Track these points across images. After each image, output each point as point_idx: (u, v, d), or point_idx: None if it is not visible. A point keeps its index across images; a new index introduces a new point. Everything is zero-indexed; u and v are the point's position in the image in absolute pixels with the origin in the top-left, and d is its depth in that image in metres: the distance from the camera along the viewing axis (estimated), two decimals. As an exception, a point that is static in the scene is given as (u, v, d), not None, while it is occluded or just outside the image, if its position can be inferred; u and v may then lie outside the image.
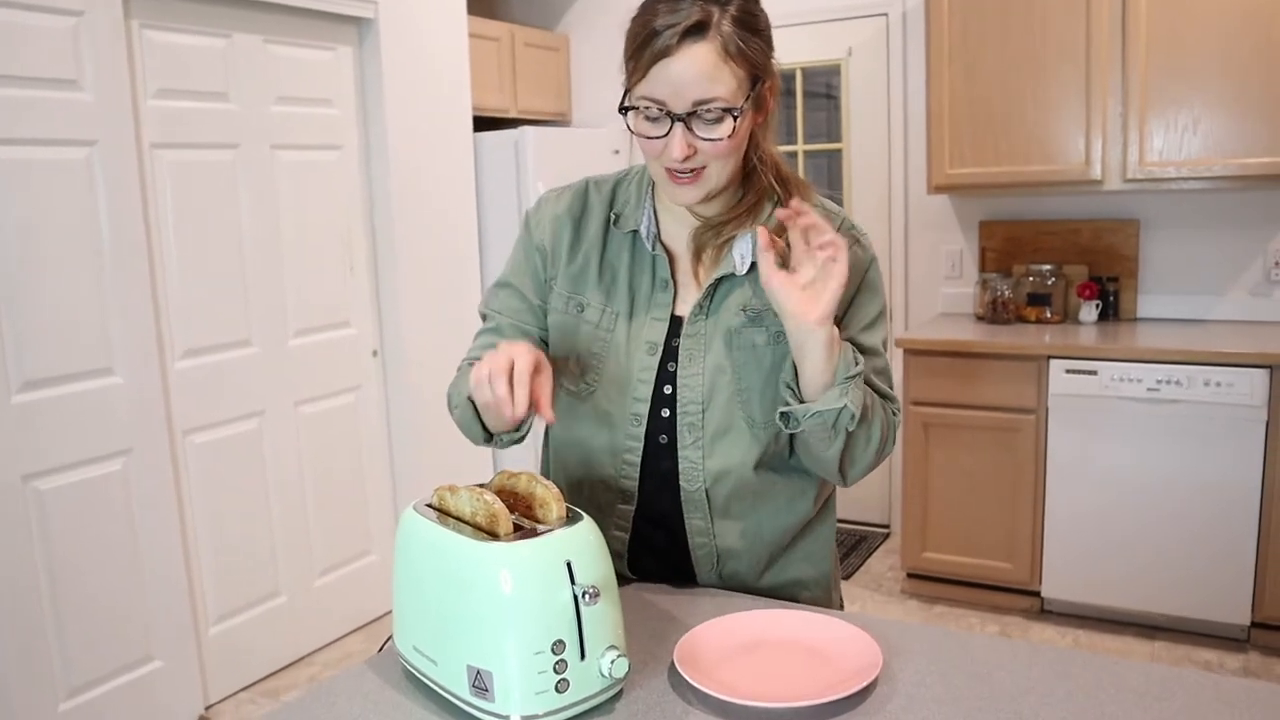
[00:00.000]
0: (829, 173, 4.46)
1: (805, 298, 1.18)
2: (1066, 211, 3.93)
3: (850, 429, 1.23)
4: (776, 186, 1.34)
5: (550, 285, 1.41)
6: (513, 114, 4.39)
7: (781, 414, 1.25)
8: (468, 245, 4.04)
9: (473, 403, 1.38)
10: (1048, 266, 3.87)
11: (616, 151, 4.40)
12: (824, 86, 4.45)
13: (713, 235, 1.33)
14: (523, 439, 1.43)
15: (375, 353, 3.71)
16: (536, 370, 1.18)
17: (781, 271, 1.19)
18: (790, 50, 4.34)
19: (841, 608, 1.53)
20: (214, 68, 3.08)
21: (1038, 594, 3.57)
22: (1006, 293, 3.86)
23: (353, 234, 3.60)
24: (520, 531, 1.08)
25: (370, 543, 3.72)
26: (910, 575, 3.80)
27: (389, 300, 3.71)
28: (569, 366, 1.39)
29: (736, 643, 1.21)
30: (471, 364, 1.43)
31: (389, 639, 1.24)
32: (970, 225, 4.11)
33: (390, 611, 3.69)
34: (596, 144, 4.36)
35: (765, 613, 1.27)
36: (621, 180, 1.44)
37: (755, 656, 1.19)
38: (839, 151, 4.38)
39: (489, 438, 1.40)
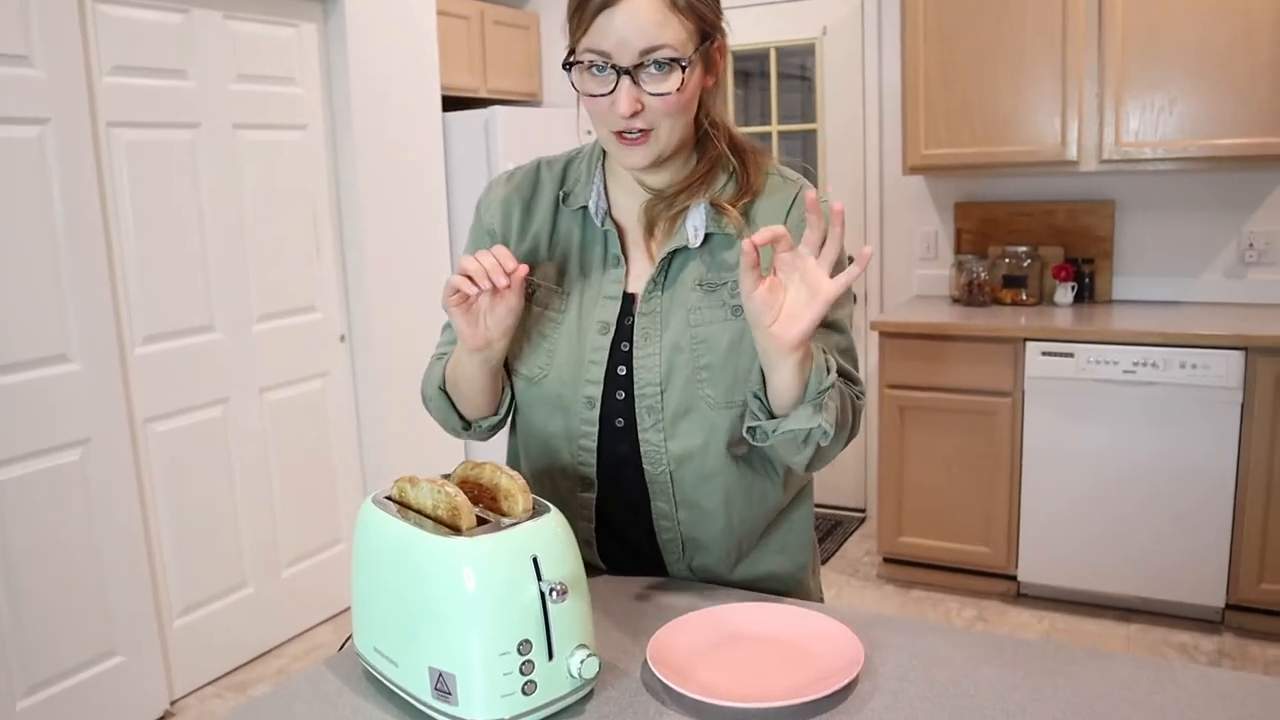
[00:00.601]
0: (803, 153, 4.41)
1: (785, 318, 1.09)
2: (1042, 193, 3.90)
3: (825, 443, 1.17)
4: (730, 155, 1.28)
5: None
6: (482, 94, 4.31)
7: (749, 428, 1.20)
8: (437, 227, 3.96)
9: (446, 393, 1.33)
10: (1023, 248, 3.84)
11: (589, 132, 4.31)
12: (798, 67, 4.40)
13: (664, 207, 1.28)
14: (501, 423, 1.38)
15: (343, 337, 3.63)
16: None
17: (765, 284, 1.09)
18: (764, 30, 4.28)
19: (821, 600, 1.48)
20: (172, 44, 2.99)
21: (1014, 578, 3.56)
22: (982, 274, 3.83)
23: (318, 216, 3.52)
24: (484, 525, 1.02)
25: (339, 532, 3.65)
26: (887, 560, 3.78)
27: (357, 284, 3.63)
28: (521, 349, 1.34)
29: (712, 639, 1.16)
30: (438, 358, 1.39)
31: (349, 638, 1.19)
32: (945, 206, 4.07)
33: (360, 601, 3.63)
34: (568, 124, 4.28)
35: (741, 606, 1.23)
36: (574, 158, 1.39)
37: (732, 653, 1.14)
38: (813, 132, 4.33)
39: (467, 425, 1.36)
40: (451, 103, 4.13)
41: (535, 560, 0.99)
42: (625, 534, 1.37)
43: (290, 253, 3.41)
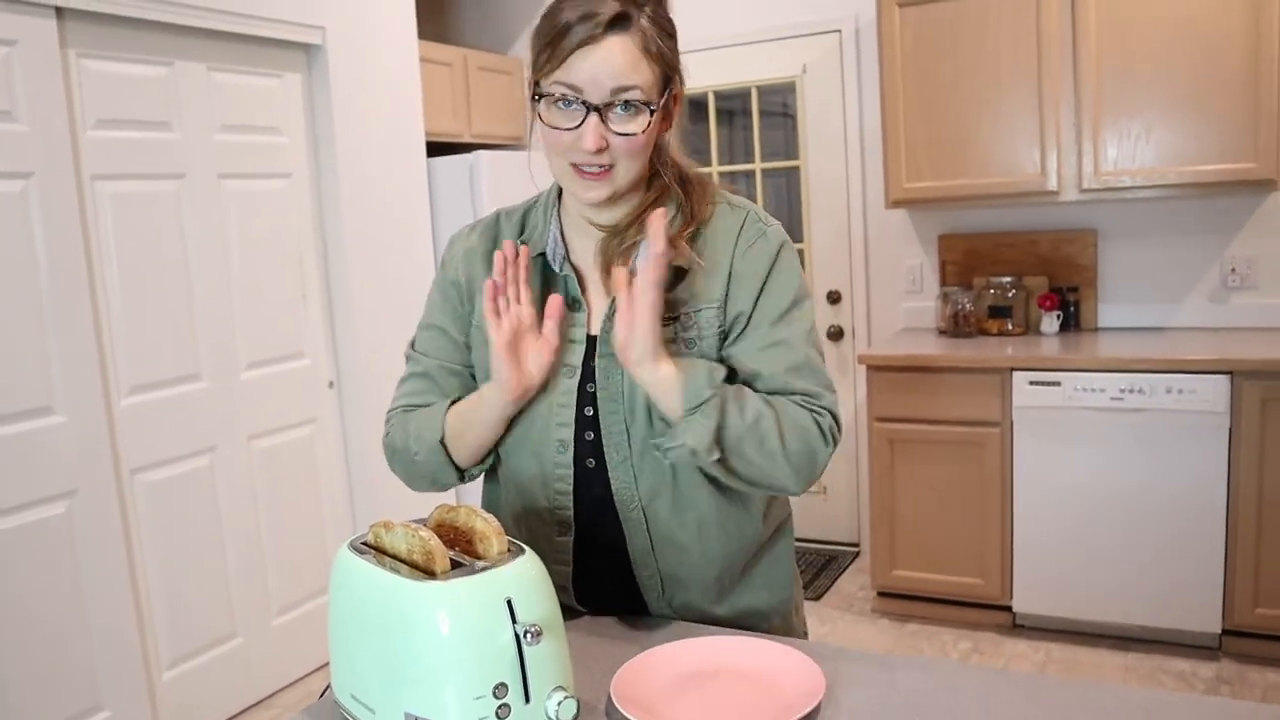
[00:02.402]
0: (788, 190, 4.45)
1: (623, 338, 1.19)
2: (1025, 223, 3.93)
3: (706, 461, 1.19)
4: (678, 187, 1.31)
5: (470, 320, 1.39)
6: (466, 138, 4.35)
7: (653, 444, 1.24)
8: (424, 272, 3.97)
9: (444, 446, 1.32)
10: (1008, 278, 3.87)
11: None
12: (780, 105, 4.44)
13: (617, 243, 1.30)
14: (488, 468, 1.38)
15: (331, 384, 3.63)
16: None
17: (622, 309, 1.19)
18: (745, 69, 4.33)
19: (805, 636, 1.47)
20: (156, 97, 3.01)
21: (1009, 609, 3.54)
22: (968, 306, 3.85)
23: (305, 263, 3.53)
24: (458, 569, 1.02)
25: (329, 579, 3.62)
26: (881, 594, 3.76)
27: (344, 330, 3.63)
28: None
29: (675, 674, 1.17)
30: (405, 410, 1.39)
31: (328, 686, 1.18)
32: (929, 239, 4.10)
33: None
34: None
35: (703, 640, 1.23)
36: (531, 207, 1.41)
37: (694, 687, 1.14)
38: (796, 169, 4.37)
39: (461, 477, 1.36)
40: (436, 148, 4.16)
41: (509, 603, 0.99)
42: (606, 575, 1.36)
43: (277, 300, 3.41)
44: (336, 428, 3.66)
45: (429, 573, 1.02)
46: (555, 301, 1.24)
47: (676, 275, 1.28)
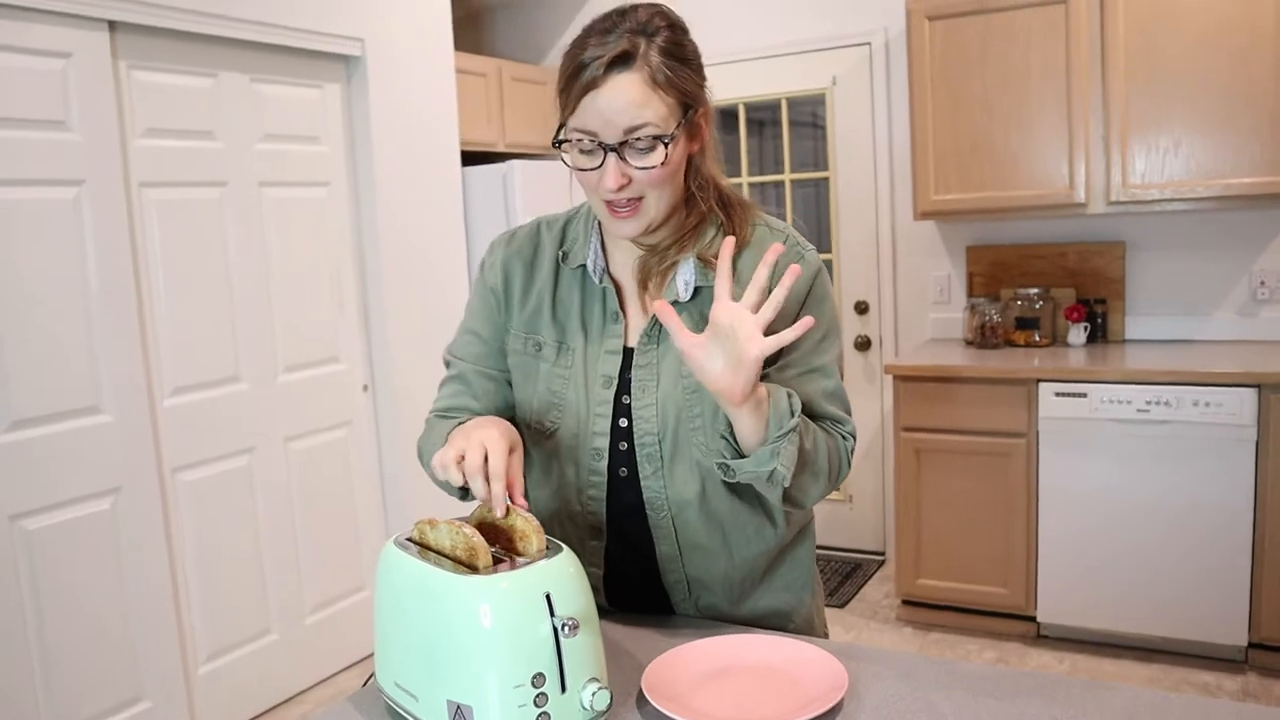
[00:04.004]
0: (816, 201, 4.49)
1: (724, 376, 1.14)
2: (1052, 235, 3.95)
3: (785, 484, 1.20)
4: (718, 209, 1.34)
5: (507, 327, 1.42)
6: (500, 148, 4.42)
7: (718, 464, 1.25)
8: (457, 279, 4.05)
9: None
10: (1035, 290, 3.89)
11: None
12: (810, 116, 4.49)
13: (656, 262, 1.34)
14: None
15: (366, 387, 3.71)
16: (510, 451, 1.18)
17: (698, 345, 1.15)
18: (775, 81, 4.38)
19: (826, 637, 1.52)
20: (201, 106, 3.10)
21: (1034, 619, 3.56)
22: (995, 317, 3.87)
23: (342, 270, 3.61)
24: (500, 564, 1.08)
25: (362, 578, 3.70)
26: (905, 602, 3.78)
27: (379, 335, 3.71)
28: (531, 406, 1.40)
29: (703, 669, 1.22)
30: (441, 416, 1.43)
31: (372, 675, 1.24)
32: (957, 250, 4.13)
33: (383, 648, 3.66)
34: (584, 176, 4.37)
35: (732, 638, 1.28)
36: (573, 218, 1.44)
37: (722, 682, 1.19)
38: (826, 180, 4.41)
39: (465, 493, 1.39)
40: (470, 157, 4.23)
41: (548, 597, 1.04)
42: (634, 578, 1.41)
43: (314, 305, 3.50)
44: (370, 431, 3.73)
45: (472, 568, 1.08)
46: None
47: (712, 296, 1.32)
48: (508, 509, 1.15)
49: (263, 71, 3.29)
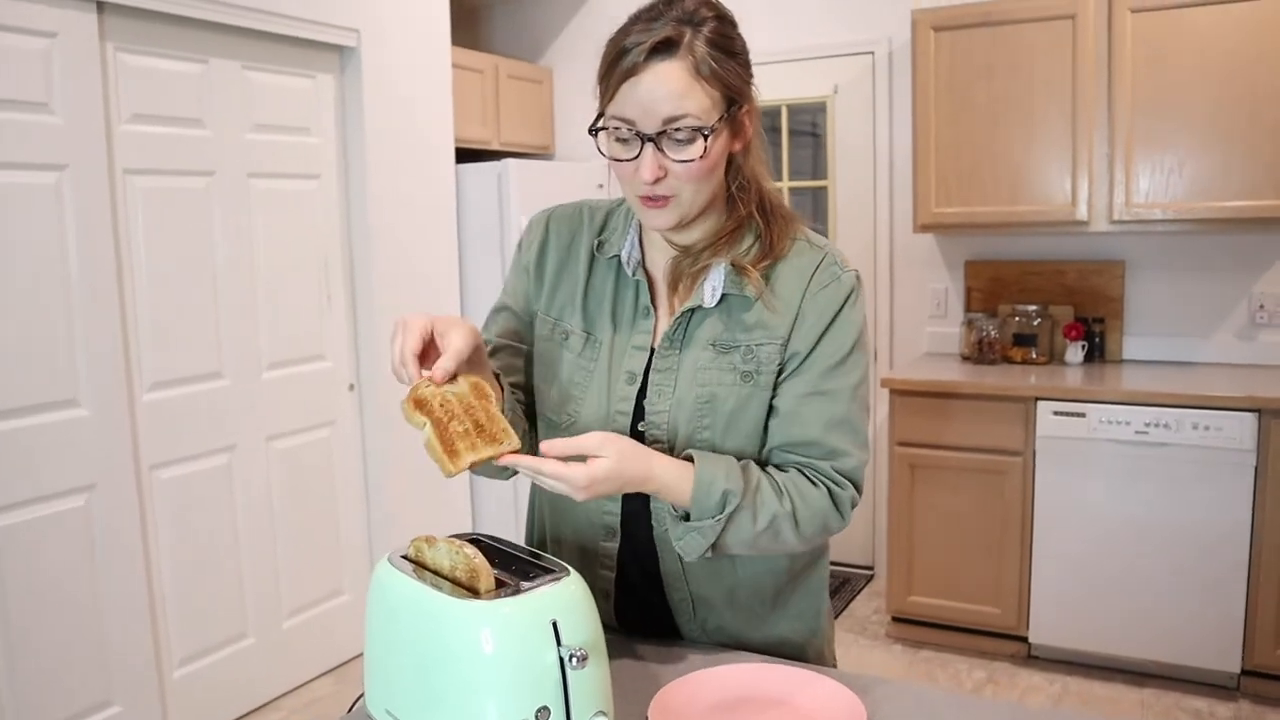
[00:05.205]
0: (814, 210, 4.43)
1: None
2: (1052, 252, 3.90)
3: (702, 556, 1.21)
4: (758, 217, 1.28)
5: (535, 309, 1.38)
6: (495, 146, 4.35)
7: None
8: (449, 278, 3.97)
9: None
10: (1033, 307, 3.84)
11: (600, 185, 4.35)
12: (809, 125, 4.43)
13: (689, 263, 1.29)
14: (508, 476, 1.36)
15: (352, 387, 3.62)
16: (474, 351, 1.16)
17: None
18: (776, 87, 4.32)
19: (834, 666, 1.46)
20: (190, 93, 3.01)
21: (1025, 639, 3.50)
22: (992, 333, 3.82)
23: (330, 265, 3.53)
24: (502, 588, 1.01)
25: (342, 582, 3.61)
26: (895, 619, 3.73)
27: (367, 333, 3.63)
28: (550, 396, 1.34)
29: (713, 700, 1.16)
30: None
31: (360, 697, 1.16)
32: (955, 264, 4.08)
33: (361, 655, 3.57)
34: (580, 178, 4.31)
35: (741, 667, 1.22)
36: (616, 208, 1.40)
37: (732, 715, 1.13)
38: (824, 189, 4.35)
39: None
40: (464, 154, 4.16)
41: (555, 624, 0.97)
42: (640, 592, 1.35)
43: (300, 301, 3.41)
44: (355, 431, 3.65)
45: (472, 590, 1.01)
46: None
47: (745, 306, 1.26)
48: (426, 382, 1.12)
49: (255, 59, 3.20)
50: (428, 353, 1.14)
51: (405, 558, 1.10)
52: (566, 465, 1.11)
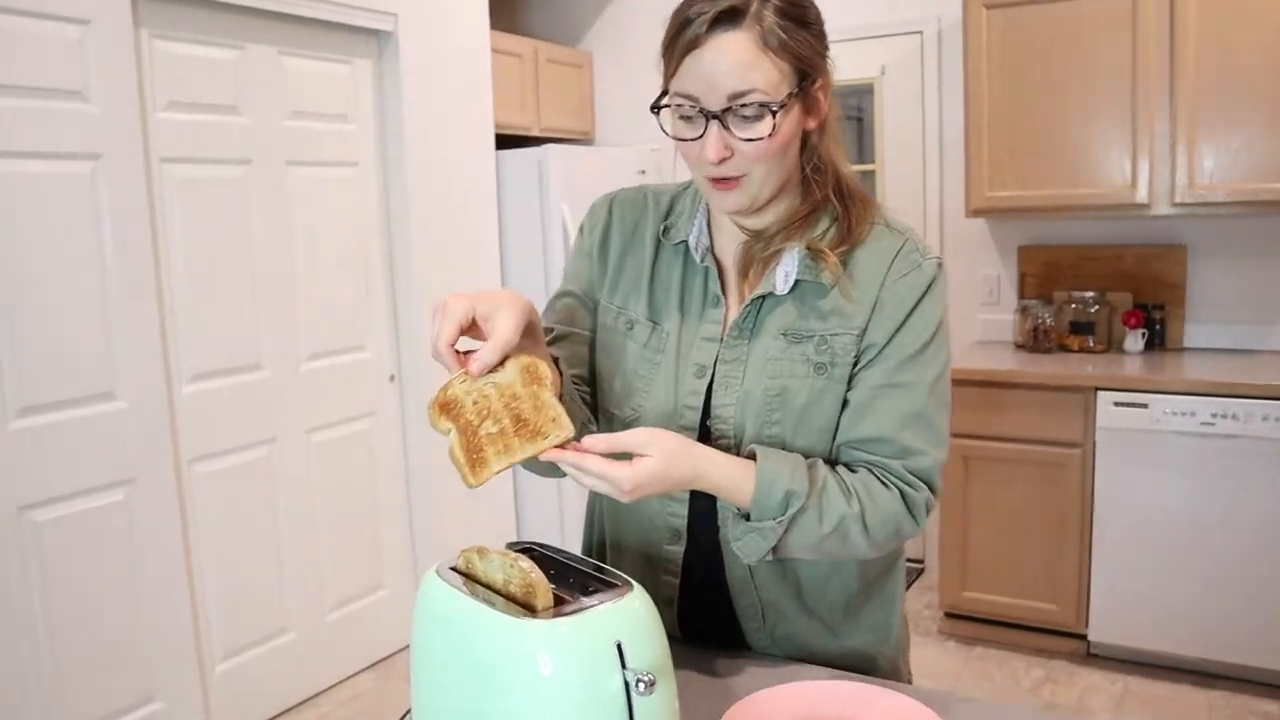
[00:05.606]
0: (860, 194, 4.32)
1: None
2: (1110, 236, 3.77)
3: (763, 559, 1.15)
4: (835, 200, 1.20)
5: (598, 296, 1.31)
6: (535, 132, 4.27)
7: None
8: (490, 266, 3.90)
9: None
10: (1090, 293, 3.71)
11: (642, 171, 4.27)
12: (854, 108, 4.31)
13: (760, 249, 1.21)
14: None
15: (392, 377, 3.57)
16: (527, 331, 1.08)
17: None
18: (821, 68, 4.20)
19: (910, 682, 1.37)
20: (226, 80, 2.96)
21: (1084, 637, 3.39)
22: (1048, 320, 3.69)
23: (369, 254, 3.47)
24: (561, 605, 0.93)
25: (383, 577, 3.57)
26: (948, 615, 3.62)
27: (407, 323, 3.57)
28: (613, 388, 1.27)
29: (785, 718, 1.07)
30: None
31: (407, 713, 1.09)
32: (1008, 250, 3.95)
33: (403, 649, 3.54)
34: (621, 164, 4.22)
35: (813, 684, 1.13)
36: (681, 192, 1.32)
37: None
38: (872, 173, 4.24)
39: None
40: (504, 140, 4.08)
41: (619, 646, 0.89)
42: (705, 598, 1.27)
43: (340, 291, 3.36)
44: (396, 422, 3.59)
45: (528, 607, 0.93)
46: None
47: (820, 293, 1.18)
48: (463, 376, 1.08)
49: (291, 45, 3.14)
50: (474, 336, 1.07)
51: (455, 569, 1.03)
52: (611, 463, 1.03)
